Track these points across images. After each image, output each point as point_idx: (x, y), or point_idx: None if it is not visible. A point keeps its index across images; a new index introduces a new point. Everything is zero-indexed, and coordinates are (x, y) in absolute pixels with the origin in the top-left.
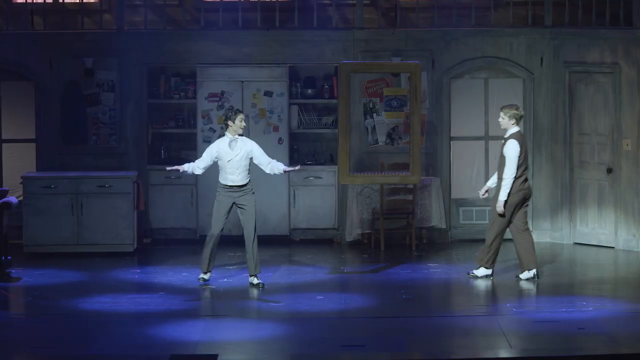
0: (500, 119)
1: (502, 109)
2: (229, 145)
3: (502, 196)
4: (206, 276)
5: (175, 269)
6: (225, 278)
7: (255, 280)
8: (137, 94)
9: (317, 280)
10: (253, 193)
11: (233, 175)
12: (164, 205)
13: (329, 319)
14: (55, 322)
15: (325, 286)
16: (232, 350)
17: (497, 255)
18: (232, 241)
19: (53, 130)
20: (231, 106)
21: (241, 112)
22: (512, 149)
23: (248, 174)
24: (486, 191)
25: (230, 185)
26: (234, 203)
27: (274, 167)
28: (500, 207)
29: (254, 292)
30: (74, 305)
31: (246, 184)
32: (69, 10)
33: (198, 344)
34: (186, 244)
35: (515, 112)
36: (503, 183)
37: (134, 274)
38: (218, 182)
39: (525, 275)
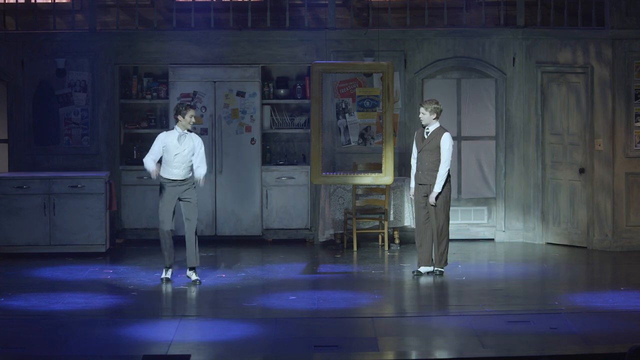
0: (421, 115)
1: (422, 104)
2: (178, 139)
3: (438, 188)
4: (169, 274)
5: (147, 269)
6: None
7: (194, 276)
8: (109, 94)
9: (290, 281)
10: (195, 187)
11: (178, 169)
12: (136, 205)
13: (302, 319)
14: (27, 323)
15: (297, 286)
16: (205, 350)
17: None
18: (207, 241)
19: (25, 131)
20: (182, 102)
21: (192, 107)
22: (449, 142)
23: (191, 169)
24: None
25: (173, 179)
26: (178, 198)
27: (199, 172)
28: (432, 198)
29: (228, 291)
30: (46, 306)
31: (189, 178)
32: (41, 10)
33: (171, 344)
34: (159, 244)
35: (436, 106)
36: (441, 174)
37: (106, 274)
38: (160, 176)
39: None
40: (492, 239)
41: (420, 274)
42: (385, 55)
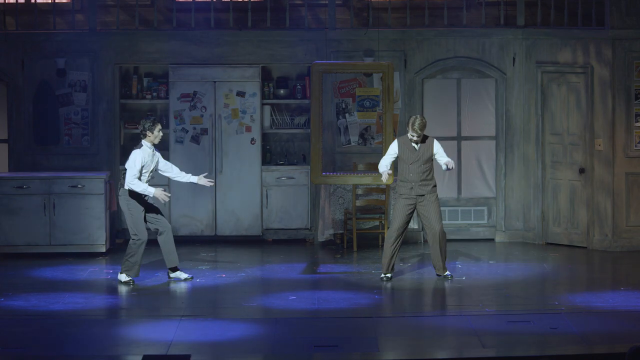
0: (415, 137)
1: (413, 129)
2: (152, 154)
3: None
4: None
5: (147, 269)
6: (198, 278)
7: (183, 275)
8: (110, 94)
9: (290, 281)
10: None
11: (148, 182)
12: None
13: (302, 319)
14: (27, 323)
15: (297, 286)
16: (205, 350)
17: None
18: (207, 241)
19: (25, 131)
20: (148, 116)
21: (159, 122)
22: (440, 145)
23: None
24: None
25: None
26: (145, 207)
27: (184, 175)
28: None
29: (228, 291)
30: (46, 306)
31: None
32: (41, 10)
33: (171, 344)
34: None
35: (425, 121)
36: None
37: (106, 274)
38: (128, 191)
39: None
40: (492, 239)
41: (390, 279)
42: (385, 55)
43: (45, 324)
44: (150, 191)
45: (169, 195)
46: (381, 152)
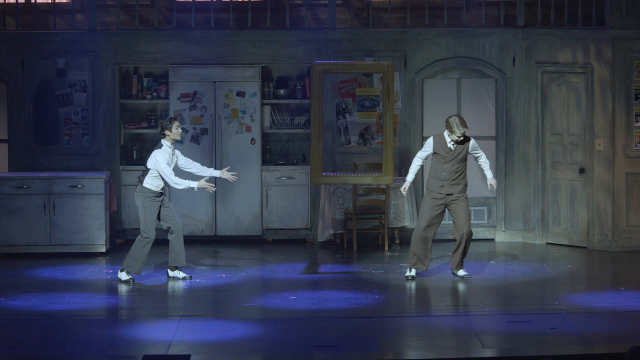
0: (462, 136)
1: (464, 127)
2: (171, 153)
3: (493, 174)
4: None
5: (147, 269)
6: (198, 278)
7: (181, 274)
8: (110, 94)
9: (290, 281)
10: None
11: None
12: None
13: (302, 319)
14: (27, 323)
15: (297, 286)
16: (205, 350)
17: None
18: (207, 241)
19: (25, 131)
20: (164, 116)
21: (175, 119)
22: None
23: None
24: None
25: (160, 191)
26: (160, 206)
27: (206, 170)
28: (495, 182)
29: (228, 291)
30: (46, 306)
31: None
32: (41, 10)
33: (171, 344)
34: (158, 244)
35: (462, 118)
36: (489, 164)
37: (106, 274)
38: (146, 189)
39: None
40: (492, 239)
41: (413, 278)
42: (385, 55)
43: (45, 324)
44: (193, 186)
45: (214, 187)
46: (381, 152)
